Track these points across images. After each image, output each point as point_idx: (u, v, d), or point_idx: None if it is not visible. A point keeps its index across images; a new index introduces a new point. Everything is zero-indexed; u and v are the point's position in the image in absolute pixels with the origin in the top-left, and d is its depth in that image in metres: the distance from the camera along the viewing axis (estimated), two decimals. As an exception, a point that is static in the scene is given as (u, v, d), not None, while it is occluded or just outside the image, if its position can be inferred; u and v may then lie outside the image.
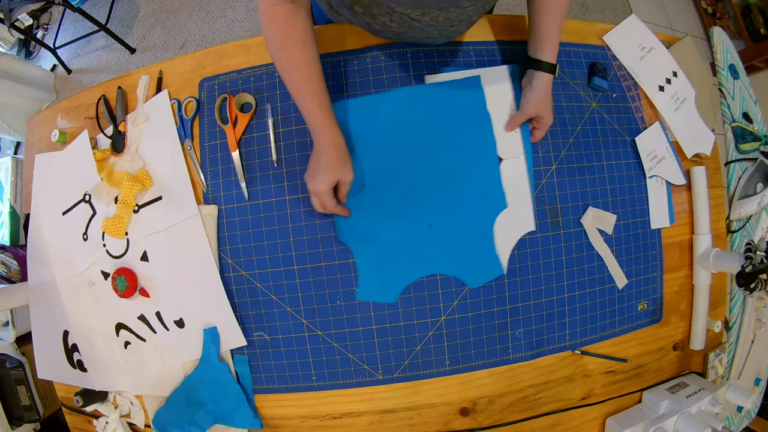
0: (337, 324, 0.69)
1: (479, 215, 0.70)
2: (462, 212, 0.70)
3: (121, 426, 0.74)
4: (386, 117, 0.70)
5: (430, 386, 0.71)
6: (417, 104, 0.70)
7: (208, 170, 0.71)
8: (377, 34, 0.69)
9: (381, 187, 0.69)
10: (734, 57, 1.02)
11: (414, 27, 0.61)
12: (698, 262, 0.81)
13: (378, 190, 0.69)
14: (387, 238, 0.69)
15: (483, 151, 0.71)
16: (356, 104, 0.70)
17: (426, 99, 0.71)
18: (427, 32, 0.64)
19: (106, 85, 0.78)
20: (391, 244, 0.69)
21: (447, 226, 0.70)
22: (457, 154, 0.70)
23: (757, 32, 2.20)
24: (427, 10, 0.57)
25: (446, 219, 0.70)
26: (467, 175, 0.70)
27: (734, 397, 0.79)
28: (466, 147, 0.71)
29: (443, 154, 0.70)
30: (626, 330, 0.78)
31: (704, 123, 0.84)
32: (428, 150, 0.70)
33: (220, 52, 0.73)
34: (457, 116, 0.71)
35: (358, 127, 0.70)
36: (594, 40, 0.80)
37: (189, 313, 0.70)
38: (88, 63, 2.13)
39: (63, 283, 0.77)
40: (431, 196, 0.70)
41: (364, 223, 0.69)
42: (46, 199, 0.80)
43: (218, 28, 2.00)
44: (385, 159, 0.69)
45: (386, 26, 0.63)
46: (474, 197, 0.70)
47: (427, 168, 0.70)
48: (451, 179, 0.70)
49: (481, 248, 0.70)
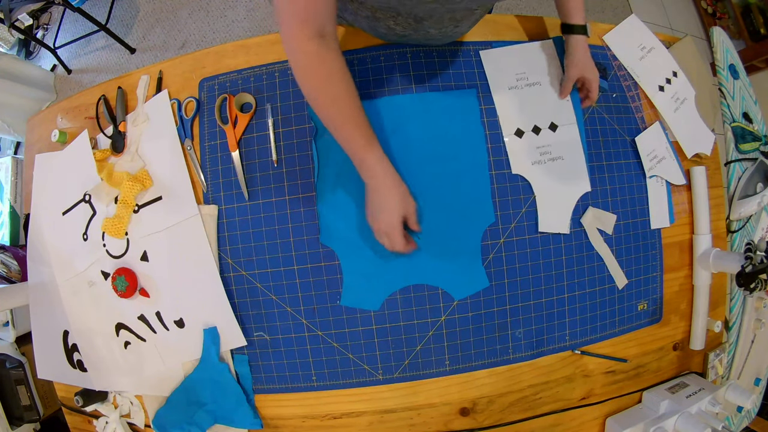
0: (337, 324, 0.69)
1: (467, 227, 0.70)
2: (450, 223, 0.70)
3: (121, 426, 0.74)
4: (380, 123, 0.70)
5: (430, 386, 0.71)
6: (411, 113, 0.70)
7: (208, 170, 0.71)
8: (381, 36, 0.69)
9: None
10: (734, 57, 1.02)
11: (418, 29, 0.61)
12: (698, 262, 0.81)
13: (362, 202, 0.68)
14: (373, 245, 0.68)
15: (474, 164, 0.71)
16: None
17: (420, 108, 0.70)
18: (430, 34, 0.64)
19: (106, 85, 0.78)
20: (377, 251, 0.68)
21: (434, 237, 0.69)
22: (449, 164, 0.70)
23: (757, 32, 2.20)
24: (434, 12, 0.56)
25: (433, 229, 0.69)
26: (458, 186, 0.70)
27: (734, 397, 0.79)
28: (457, 158, 0.70)
29: (434, 163, 0.70)
30: (626, 330, 0.78)
31: (704, 123, 0.84)
32: (420, 159, 0.69)
33: (220, 52, 0.73)
34: (450, 128, 0.71)
35: None
36: (594, 40, 0.80)
37: (189, 313, 0.70)
38: (88, 63, 2.13)
39: (63, 283, 0.77)
40: (420, 205, 0.69)
41: (350, 228, 0.68)
42: (46, 199, 0.80)
43: (218, 28, 2.00)
44: None
45: (390, 29, 0.63)
46: (463, 209, 0.70)
47: (418, 176, 0.69)
48: (440, 189, 0.70)
49: (467, 260, 0.70)
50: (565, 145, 0.74)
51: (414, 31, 0.62)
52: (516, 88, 0.73)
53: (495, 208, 0.71)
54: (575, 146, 0.74)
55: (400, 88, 0.71)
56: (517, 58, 0.74)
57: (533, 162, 0.72)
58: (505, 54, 0.74)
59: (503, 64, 0.74)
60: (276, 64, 0.72)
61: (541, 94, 0.74)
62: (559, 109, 0.75)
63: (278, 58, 0.72)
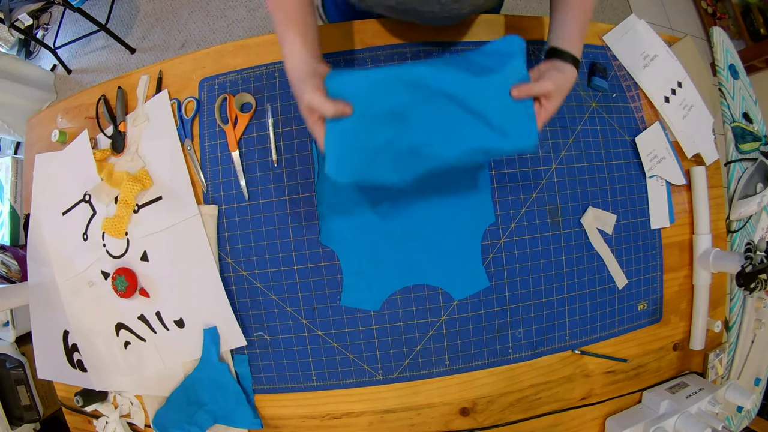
0: (337, 324, 0.69)
1: (467, 227, 0.70)
2: (450, 223, 0.69)
3: (121, 426, 0.74)
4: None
5: (430, 386, 0.71)
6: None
7: (208, 170, 0.71)
8: (380, 10, 0.65)
9: (368, 192, 0.68)
10: (734, 57, 1.02)
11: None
12: (698, 262, 0.81)
13: (365, 195, 0.68)
14: (373, 245, 0.68)
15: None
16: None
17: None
18: (429, 5, 0.60)
19: (106, 85, 0.78)
20: (377, 251, 0.68)
21: (434, 237, 0.69)
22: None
23: (757, 32, 2.20)
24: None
25: (433, 229, 0.69)
26: (458, 186, 0.70)
27: (734, 397, 0.79)
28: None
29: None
30: (626, 330, 0.78)
31: (711, 128, 0.84)
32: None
33: (220, 52, 0.73)
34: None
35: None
36: (594, 40, 0.80)
37: (189, 313, 0.70)
38: (88, 63, 2.13)
39: (63, 283, 0.77)
40: (420, 205, 0.69)
41: (350, 228, 0.68)
42: (46, 199, 0.80)
43: (218, 28, 2.01)
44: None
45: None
46: (463, 208, 0.70)
47: (418, 176, 0.69)
48: (440, 189, 0.69)
49: (467, 260, 0.70)
50: None
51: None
52: None
53: (495, 208, 0.71)
54: None
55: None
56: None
57: None
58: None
59: None
60: (276, 64, 0.72)
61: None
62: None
63: (278, 58, 0.72)
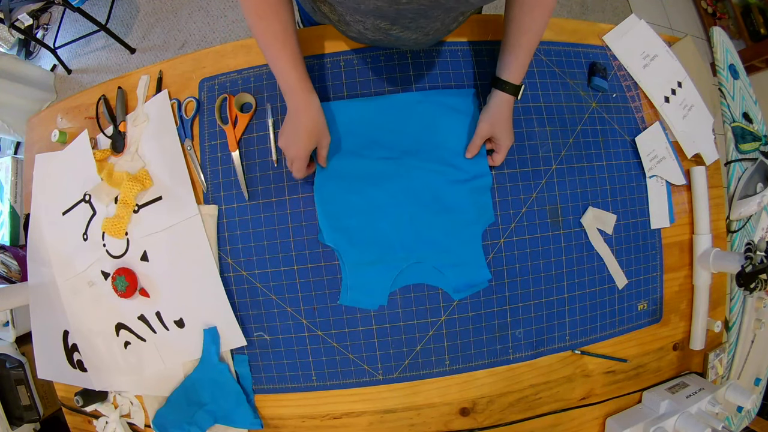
0: (337, 324, 0.69)
1: (467, 227, 0.70)
2: (450, 223, 0.69)
3: (121, 426, 0.74)
4: (380, 122, 0.69)
5: (430, 386, 0.71)
6: (411, 112, 0.70)
7: (208, 170, 0.71)
8: (355, 40, 0.68)
9: (368, 193, 0.68)
10: (734, 57, 1.02)
11: (389, 35, 0.61)
12: (698, 262, 0.81)
13: (365, 195, 0.68)
14: (373, 245, 0.68)
15: (475, 161, 0.70)
16: (347, 106, 0.69)
17: (420, 107, 0.70)
18: (402, 41, 0.63)
19: (106, 85, 0.78)
20: (377, 251, 0.68)
21: (434, 237, 0.69)
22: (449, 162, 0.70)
23: (757, 32, 2.20)
24: (394, 22, 0.56)
25: (434, 229, 0.69)
26: (459, 185, 0.70)
27: (734, 397, 0.79)
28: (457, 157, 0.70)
29: (434, 162, 0.69)
30: (626, 330, 0.78)
31: (711, 128, 0.84)
32: (419, 158, 0.69)
33: (220, 52, 0.73)
34: (450, 127, 0.70)
35: (350, 129, 0.69)
36: (594, 40, 0.80)
37: (189, 313, 0.70)
38: (88, 63, 2.13)
39: (63, 283, 0.77)
40: (420, 204, 0.69)
41: (350, 228, 0.68)
42: (46, 199, 0.80)
43: (218, 28, 2.00)
44: (375, 163, 0.69)
45: (361, 33, 0.63)
46: (463, 208, 0.69)
47: (418, 176, 0.69)
48: (440, 189, 0.69)
49: (467, 260, 0.70)
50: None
51: (384, 36, 0.61)
52: None
53: (495, 208, 0.71)
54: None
55: (401, 88, 0.71)
56: None
57: None
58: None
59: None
60: (276, 64, 0.72)
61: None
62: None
63: (278, 58, 0.72)
